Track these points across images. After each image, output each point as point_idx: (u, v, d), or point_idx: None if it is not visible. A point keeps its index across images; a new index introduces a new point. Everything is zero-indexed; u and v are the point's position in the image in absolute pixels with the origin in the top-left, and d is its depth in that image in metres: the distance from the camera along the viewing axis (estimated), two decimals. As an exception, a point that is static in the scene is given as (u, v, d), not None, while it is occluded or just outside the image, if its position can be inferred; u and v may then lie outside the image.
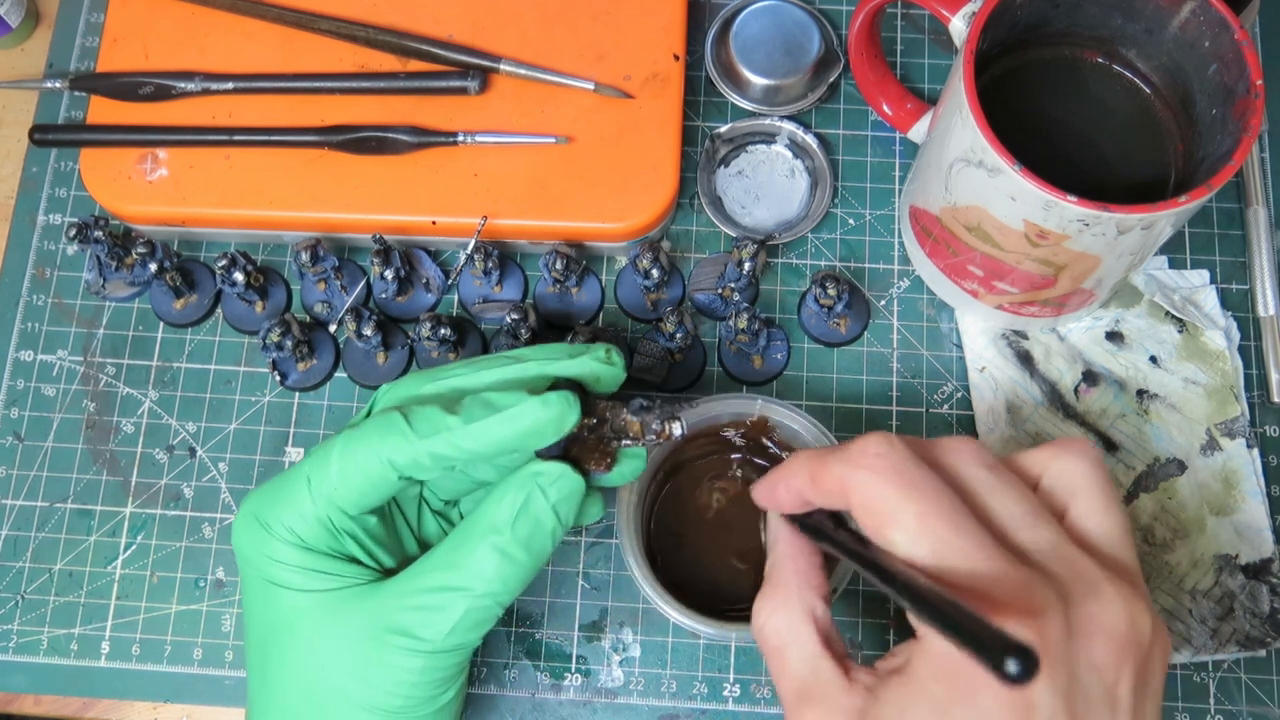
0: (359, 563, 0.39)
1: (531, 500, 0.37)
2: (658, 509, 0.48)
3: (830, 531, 0.36)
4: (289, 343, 0.49)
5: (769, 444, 0.49)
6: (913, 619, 0.32)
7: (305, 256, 0.49)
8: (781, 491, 0.38)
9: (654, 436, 0.39)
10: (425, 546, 0.43)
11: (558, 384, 0.39)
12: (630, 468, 0.40)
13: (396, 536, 0.41)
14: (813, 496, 0.36)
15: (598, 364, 0.39)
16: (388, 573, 0.40)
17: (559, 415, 0.37)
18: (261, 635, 0.39)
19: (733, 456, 0.49)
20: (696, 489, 0.49)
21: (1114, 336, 0.51)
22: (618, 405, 0.39)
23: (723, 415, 0.47)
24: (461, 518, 0.44)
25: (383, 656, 0.37)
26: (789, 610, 0.37)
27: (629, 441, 0.39)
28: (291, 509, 0.38)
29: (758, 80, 0.54)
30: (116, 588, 0.50)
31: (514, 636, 0.49)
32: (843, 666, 0.35)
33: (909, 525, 0.32)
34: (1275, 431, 0.51)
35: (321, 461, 0.38)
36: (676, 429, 0.39)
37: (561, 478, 0.38)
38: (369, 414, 0.41)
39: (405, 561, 0.41)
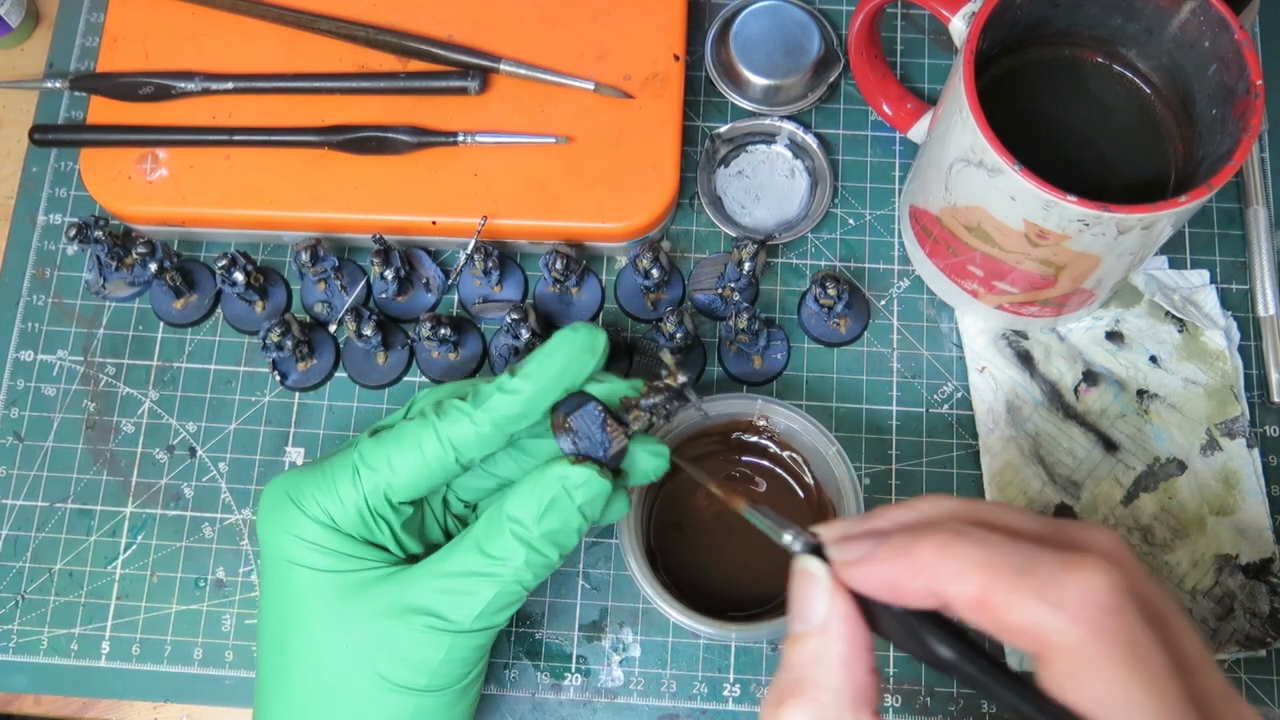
0: (383, 549, 0.40)
1: (558, 501, 0.38)
2: (657, 509, 0.48)
3: (960, 648, 0.27)
4: (289, 343, 0.49)
5: (769, 444, 0.49)
6: None
7: (305, 256, 0.49)
8: (918, 590, 0.27)
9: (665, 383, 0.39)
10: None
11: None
12: (654, 465, 0.40)
13: (424, 526, 0.42)
14: (972, 617, 0.26)
15: (624, 386, 0.40)
16: (411, 559, 0.40)
17: (589, 336, 0.38)
18: (279, 615, 0.40)
19: (733, 456, 0.49)
20: (696, 489, 0.49)
21: (1114, 336, 0.51)
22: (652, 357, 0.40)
23: (723, 415, 0.47)
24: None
25: (411, 636, 0.38)
26: None
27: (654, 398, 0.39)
28: (330, 493, 0.38)
29: (758, 80, 0.54)
30: (116, 588, 0.50)
31: (514, 636, 0.49)
32: None
33: (1124, 717, 0.25)
34: (1275, 431, 0.51)
35: (374, 450, 0.38)
36: (682, 376, 0.39)
37: (587, 482, 0.38)
38: (406, 415, 0.41)
39: (430, 549, 0.41)
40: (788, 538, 0.30)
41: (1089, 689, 0.25)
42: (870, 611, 0.28)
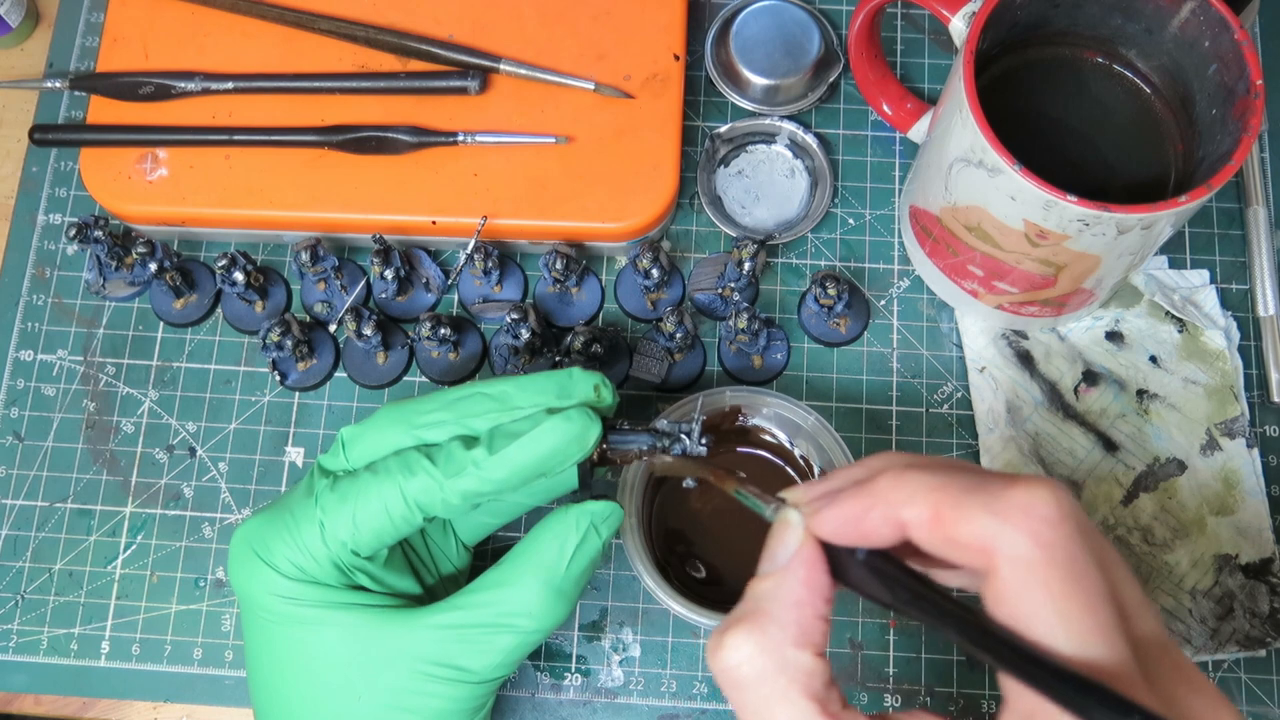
0: (369, 591, 0.38)
1: (587, 539, 0.37)
2: (657, 507, 0.48)
3: (914, 587, 0.28)
4: (289, 343, 0.49)
5: (768, 442, 0.49)
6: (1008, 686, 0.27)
7: (305, 256, 0.49)
8: (876, 521, 0.28)
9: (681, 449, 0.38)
10: (439, 570, 0.43)
11: None
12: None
13: (406, 560, 0.41)
14: (926, 539, 0.27)
15: (588, 400, 0.38)
16: (409, 597, 0.40)
17: (582, 430, 0.36)
18: (274, 671, 0.38)
19: (719, 450, 0.49)
20: (696, 488, 0.49)
21: (1114, 336, 0.51)
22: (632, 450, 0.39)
23: (701, 411, 0.47)
24: (466, 539, 0.44)
25: (424, 687, 0.37)
26: (775, 658, 0.28)
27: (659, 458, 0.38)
28: (298, 549, 0.37)
29: (758, 80, 0.54)
30: (116, 587, 0.50)
31: (514, 636, 0.49)
32: None
33: (1062, 633, 0.25)
34: (1275, 431, 0.51)
35: (337, 506, 0.37)
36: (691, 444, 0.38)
37: (613, 515, 0.38)
38: (343, 450, 0.39)
39: (426, 588, 0.41)
40: (769, 510, 0.32)
41: (1027, 600, 0.25)
42: (838, 565, 0.30)
